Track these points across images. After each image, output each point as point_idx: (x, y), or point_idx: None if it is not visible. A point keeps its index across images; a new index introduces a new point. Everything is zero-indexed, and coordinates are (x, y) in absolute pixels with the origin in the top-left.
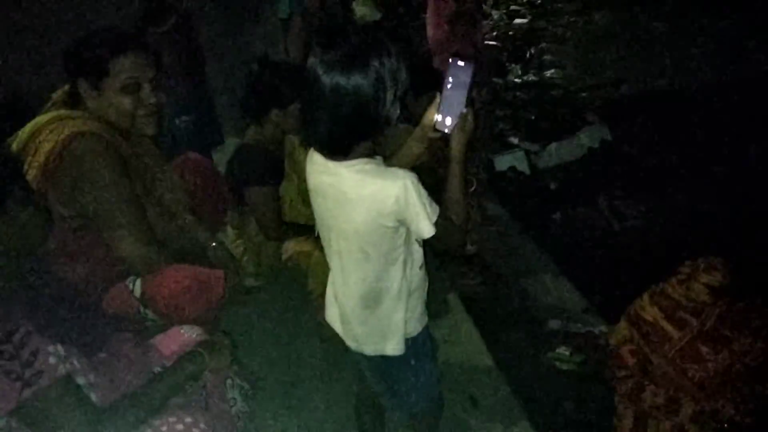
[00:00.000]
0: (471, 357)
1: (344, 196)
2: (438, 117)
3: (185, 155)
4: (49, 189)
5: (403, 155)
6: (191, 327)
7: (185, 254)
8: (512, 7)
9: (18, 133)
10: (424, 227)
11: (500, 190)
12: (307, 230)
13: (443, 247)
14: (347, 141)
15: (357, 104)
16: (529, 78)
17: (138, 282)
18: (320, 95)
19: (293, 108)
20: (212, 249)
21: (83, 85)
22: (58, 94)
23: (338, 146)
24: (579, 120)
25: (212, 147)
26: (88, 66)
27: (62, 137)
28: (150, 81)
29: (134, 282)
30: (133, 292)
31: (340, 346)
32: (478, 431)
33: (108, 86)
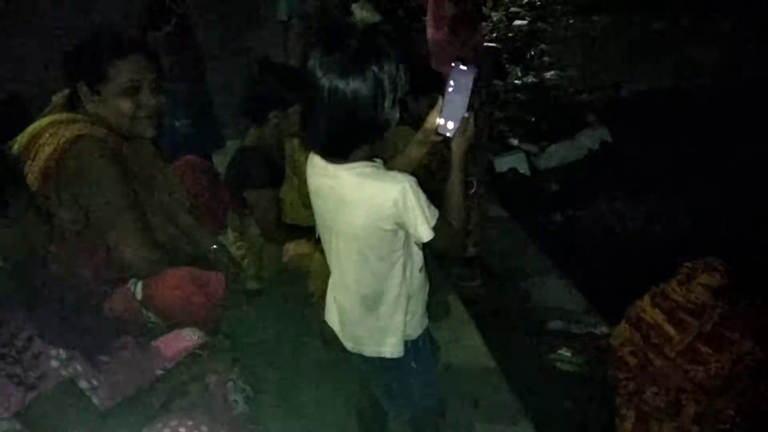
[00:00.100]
0: (472, 358)
1: (343, 199)
2: (440, 121)
3: (185, 158)
4: (50, 192)
5: (405, 158)
6: (193, 330)
7: (186, 257)
8: (512, 9)
9: (18, 137)
10: (423, 231)
11: (500, 192)
12: (308, 232)
13: (443, 250)
14: (346, 144)
15: (355, 108)
16: (529, 79)
17: (139, 285)
18: (319, 98)
19: (293, 111)
20: (213, 251)
21: (83, 89)
22: (58, 98)
23: (337, 149)
24: (579, 121)
25: (212, 150)
26: (88, 69)
27: (62, 141)
28: (150, 84)
29: (136, 285)
30: (135, 295)
31: (342, 348)
32: None
33: (108, 89)
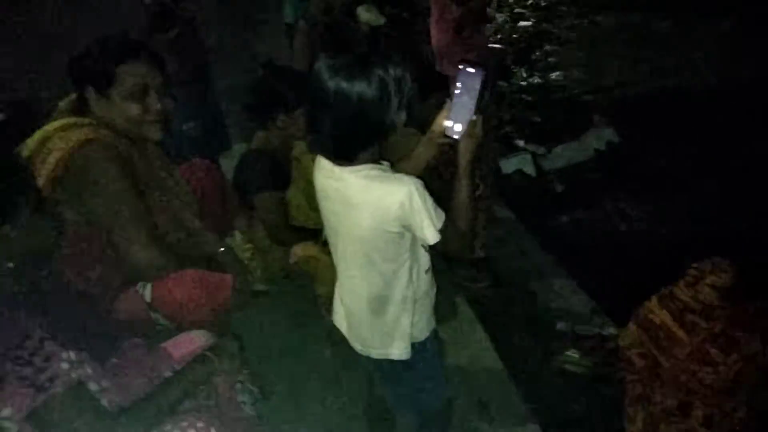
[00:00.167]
0: (479, 360)
1: (350, 202)
2: (447, 123)
3: (192, 161)
4: (59, 196)
5: (412, 160)
6: (201, 331)
7: (193, 259)
8: (516, 10)
9: (27, 142)
10: (429, 233)
11: (507, 193)
12: (314, 234)
13: (450, 252)
14: (352, 147)
15: (361, 111)
16: (534, 80)
17: (148, 287)
18: (325, 101)
19: (299, 113)
20: (220, 253)
21: (90, 93)
22: (65, 102)
23: (343, 152)
24: (585, 122)
25: (219, 152)
26: (96, 73)
27: (71, 145)
28: (157, 87)
29: (144, 287)
30: (143, 297)
31: (349, 350)
32: None
33: (115, 93)
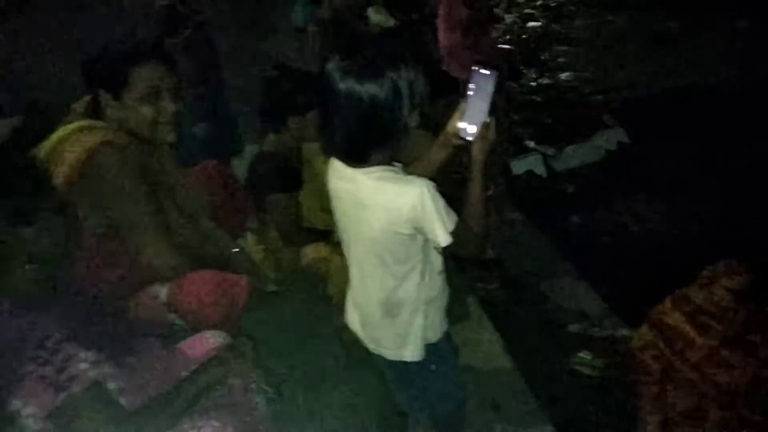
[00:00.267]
0: (492, 361)
1: (362, 203)
2: (461, 124)
3: (205, 163)
4: (75, 198)
5: (425, 162)
6: (216, 332)
7: (207, 260)
8: (526, 11)
9: (42, 144)
10: (441, 235)
11: (517, 194)
12: (325, 236)
13: (462, 253)
14: (364, 148)
15: (372, 113)
16: (544, 81)
17: (164, 288)
18: (336, 103)
19: (311, 115)
20: (233, 255)
21: (104, 96)
22: (79, 105)
23: (355, 153)
24: (595, 122)
25: (231, 154)
26: (109, 76)
27: (86, 147)
28: (169, 90)
29: (160, 288)
30: (159, 298)
31: (362, 351)
32: None
33: (128, 96)
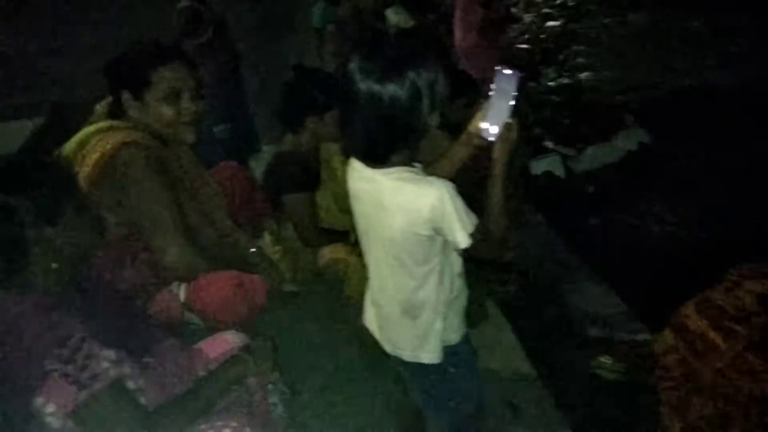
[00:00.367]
0: (510, 365)
1: (381, 204)
2: (483, 125)
3: (224, 163)
4: (97, 198)
5: (446, 163)
6: (235, 332)
7: (225, 260)
8: (544, 10)
9: (66, 145)
10: (460, 237)
11: (536, 195)
12: (343, 236)
13: (481, 256)
14: (384, 149)
15: (393, 113)
16: (563, 81)
17: (183, 287)
18: (357, 103)
19: (329, 116)
20: (251, 255)
21: (126, 96)
22: (102, 106)
23: (375, 154)
24: (616, 123)
25: (249, 154)
26: (131, 77)
27: (108, 148)
28: (190, 90)
29: (179, 287)
30: (178, 297)
31: (380, 351)
32: None
33: (150, 96)
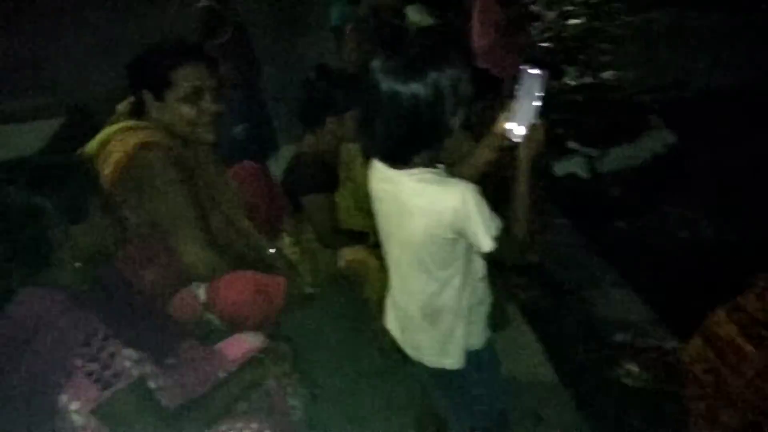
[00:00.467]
0: (533, 371)
1: (403, 205)
2: (509, 125)
3: (243, 163)
4: (118, 197)
5: (470, 164)
6: (254, 334)
7: (244, 261)
8: (566, 8)
9: (88, 144)
10: (484, 241)
11: (560, 197)
12: (363, 238)
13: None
14: (406, 150)
15: (415, 113)
16: (587, 80)
17: (202, 288)
18: (379, 103)
19: (349, 116)
20: (270, 256)
21: (147, 96)
22: (123, 106)
23: (397, 154)
24: (641, 123)
25: (267, 155)
26: (152, 77)
27: (129, 147)
28: (210, 90)
29: (199, 288)
30: (198, 298)
31: (400, 355)
32: None
33: (171, 96)
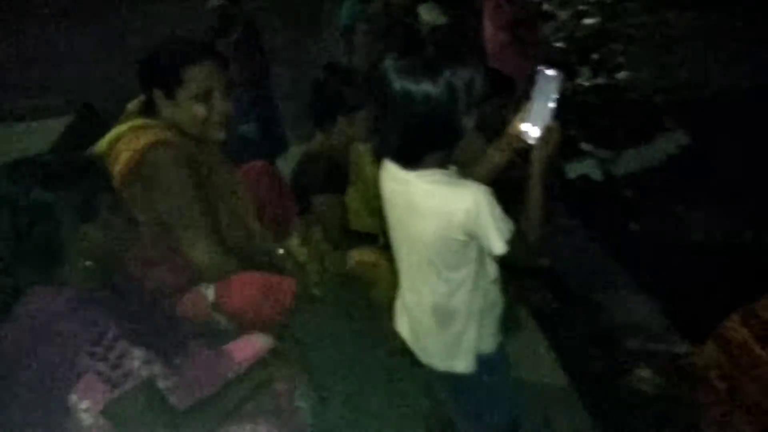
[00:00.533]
0: (544, 375)
1: (414, 207)
2: (524, 127)
3: (253, 163)
4: (128, 196)
5: (483, 165)
6: (263, 335)
7: (253, 261)
8: (580, 7)
9: (99, 143)
10: (496, 244)
11: (572, 200)
12: (372, 239)
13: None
14: (418, 150)
15: (427, 113)
16: (600, 81)
17: (212, 288)
18: (391, 102)
19: (360, 115)
20: (279, 256)
21: (158, 95)
22: (134, 105)
23: (409, 155)
24: (655, 125)
25: (277, 154)
26: (163, 75)
27: (139, 146)
28: (221, 89)
29: (208, 288)
30: (206, 298)
31: (410, 358)
32: None
33: (182, 95)
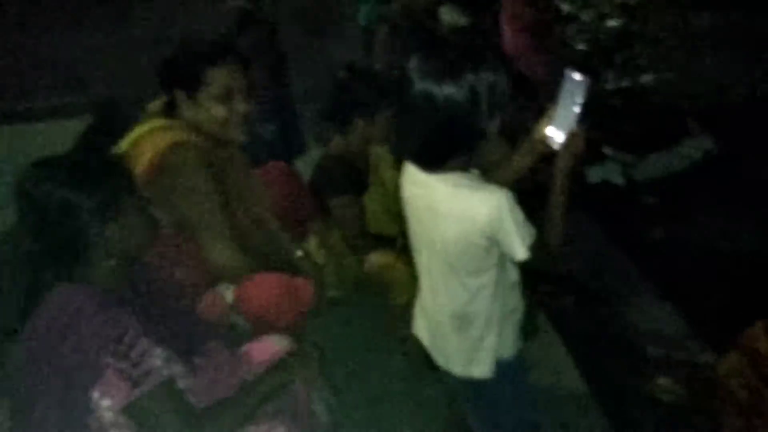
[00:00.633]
0: (562, 382)
1: (435, 210)
2: (549, 131)
3: (272, 164)
4: (149, 196)
5: (506, 169)
6: (281, 337)
7: (271, 262)
8: (603, 9)
9: (120, 143)
10: (518, 250)
11: (593, 204)
12: (391, 243)
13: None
14: (439, 153)
15: (450, 115)
16: (623, 84)
17: (230, 289)
18: (413, 105)
19: (380, 118)
20: (297, 258)
21: (179, 95)
22: (155, 105)
23: (430, 158)
24: (679, 129)
25: (295, 156)
26: (184, 76)
27: (160, 147)
28: (242, 90)
29: (227, 289)
30: (225, 299)
31: (428, 362)
32: None
33: (203, 95)
